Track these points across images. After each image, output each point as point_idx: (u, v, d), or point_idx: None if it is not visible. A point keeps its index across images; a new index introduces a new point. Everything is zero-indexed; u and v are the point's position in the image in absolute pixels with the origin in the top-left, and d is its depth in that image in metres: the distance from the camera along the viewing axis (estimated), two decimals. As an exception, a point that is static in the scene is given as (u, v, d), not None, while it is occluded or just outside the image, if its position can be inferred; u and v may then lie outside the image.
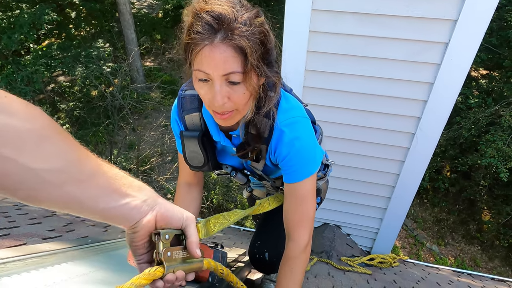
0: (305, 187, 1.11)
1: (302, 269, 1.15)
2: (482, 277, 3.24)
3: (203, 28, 0.83)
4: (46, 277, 1.00)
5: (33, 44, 10.66)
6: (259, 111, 1.03)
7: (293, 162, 1.07)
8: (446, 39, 2.10)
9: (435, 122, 2.38)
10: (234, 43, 0.82)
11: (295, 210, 1.13)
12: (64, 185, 0.52)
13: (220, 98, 0.89)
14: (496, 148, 6.56)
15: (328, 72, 2.44)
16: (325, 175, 1.53)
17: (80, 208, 0.56)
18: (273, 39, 0.96)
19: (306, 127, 1.08)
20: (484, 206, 8.18)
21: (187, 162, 1.26)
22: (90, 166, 0.56)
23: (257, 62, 0.88)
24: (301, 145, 1.06)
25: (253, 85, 0.92)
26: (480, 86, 8.59)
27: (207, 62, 0.85)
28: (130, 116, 7.88)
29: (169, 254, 0.69)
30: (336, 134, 2.67)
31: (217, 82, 0.87)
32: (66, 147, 0.53)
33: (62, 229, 1.90)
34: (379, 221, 3.05)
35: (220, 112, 0.95)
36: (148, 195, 0.66)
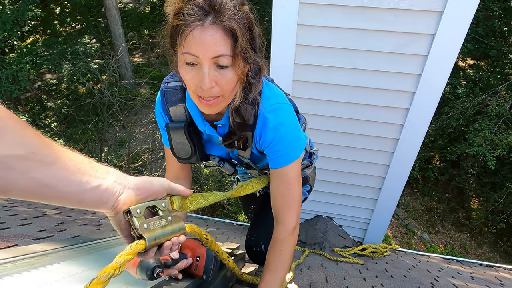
0: (291, 171, 1.13)
1: (290, 251, 1.18)
2: (471, 263, 3.32)
3: (194, 10, 0.82)
4: (38, 278, 0.99)
5: (17, 41, 10.43)
6: (246, 98, 1.04)
7: (278, 147, 1.08)
8: (432, 31, 2.12)
9: (423, 113, 2.41)
10: (225, 25, 0.83)
11: (282, 194, 1.15)
12: (29, 171, 0.52)
13: (208, 81, 0.88)
14: (483, 137, 6.69)
15: (317, 65, 2.44)
16: (311, 163, 1.55)
17: (51, 193, 0.56)
18: (257, 29, 0.97)
19: (289, 112, 1.10)
20: (473, 194, 8.36)
21: (174, 154, 1.25)
22: (54, 152, 0.57)
23: (246, 46, 0.88)
24: (285, 130, 1.07)
25: (241, 70, 0.92)
26: (468, 76, 8.72)
27: (196, 44, 0.84)
28: (120, 113, 7.80)
29: (146, 226, 0.69)
30: (326, 127, 2.69)
31: (205, 65, 0.87)
32: (28, 135, 0.53)
33: (54, 229, 1.88)
34: (370, 211, 3.09)
35: (205, 98, 0.94)
36: (117, 175, 0.68)
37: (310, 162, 1.55)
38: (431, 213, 8.25)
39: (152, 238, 0.70)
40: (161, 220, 0.74)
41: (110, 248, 1.47)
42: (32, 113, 9.14)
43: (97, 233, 1.98)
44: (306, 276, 1.95)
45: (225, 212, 7.67)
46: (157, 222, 0.73)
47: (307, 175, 1.55)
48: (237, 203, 7.73)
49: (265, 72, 1.37)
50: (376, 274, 2.29)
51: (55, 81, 10.41)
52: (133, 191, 0.69)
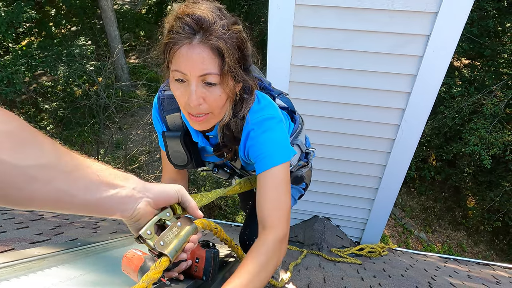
0: (276, 175, 1.05)
1: (276, 265, 0.97)
2: (468, 262, 3.34)
3: (183, 28, 0.86)
4: (36, 282, 0.99)
5: (12, 44, 10.38)
6: (236, 115, 1.06)
7: (261, 151, 1.06)
8: (427, 32, 2.14)
9: (419, 113, 2.43)
10: (212, 44, 0.85)
11: (270, 197, 1.05)
12: (53, 180, 0.52)
13: (195, 98, 0.90)
14: (479, 136, 6.73)
15: (313, 66, 2.45)
16: (307, 163, 1.57)
17: (72, 202, 0.56)
18: (250, 47, 0.99)
19: (275, 123, 1.08)
20: (469, 192, 8.40)
21: (171, 162, 1.28)
22: (73, 160, 0.57)
23: (234, 65, 0.90)
24: (268, 135, 1.07)
25: (229, 88, 0.94)
26: (463, 76, 8.78)
27: (184, 62, 0.87)
28: (116, 115, 7.77)
29: (162, 243, 0.70)
30: (323, 127, 2.70)
31: (193, 82, 0.89)
32: (46, 144, 0.53)
33: (51, 232, 1.87)
34: (368, 211, 3.10)
35: (195, 114, 0.96)
36: (136, 182, 0.68)
37: (306, 162, 1.56)
38: (428, 212, 8.28)
39: (173, 251, 0.70)
40: (173, 229, 0.74)
41: (108, 251, 1.47)
42: (27, 116, 9.08)
43: (95, 236, 1.97)
44: (304, 277, 1.95)
45: (222, 213, 7.67)
46: (170, 234, 0.73)
47: (302, 174, 1.55)
48: (234, 204, 7.73)
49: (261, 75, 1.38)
50: (373, 274, 2.30)
51: (50, 83, 10.36)
52: (152, 201, 0.69)
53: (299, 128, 1.46)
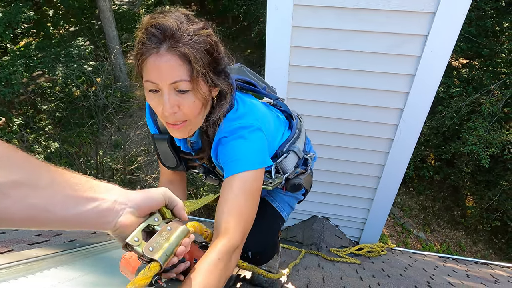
0: (240, 182, 1.00)
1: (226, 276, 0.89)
2: (466, 261, 3.35)
3: (149, 39, 0.87)
4: (34, 283, 0.99)
5: (10, 44, 10.35)
6: (208, 119, 1.06)
7: (228, 156, 1.03)
8: (425, 32, 2.14)
9: (418, 112, 2.44)
10: (178, 51, 0.86)
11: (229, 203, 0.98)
12: (26, 197, 0.50)
13: (170, 107, 0.91)
14: (477, 135, 6.75)
15: (311, 66, 2.46)
16: (305, 170, 1.53)
17: (48, 218, 0.54)
18: (221, 49, 0.99)
19: (248, 132, 1.05)
20: (468, 192, 8.42)
21: (162, 163, 1.30)
22: (49, 174, 0.55)
23: (203, 70, 0.90)
24: (238, 142, 1.03)
25: (202, 94, 0.94)
26: (461, 75, 8.79)
27: (154, 72, 0.88)
28: (115, 115, 7.76)
29: (151, 248, 0.68)
30: (322, 127, 2.70)
31: (165, 91, 0.90)
32: (19, 159, 0.51)
33: (49, 234, 1.87)
34: (366, 211, 3.11)
35: (172, 123, 0.97)
36: (118, 194, 0.66)
37: (304, 169, 1.52)
38: (427, 211, 8.30)
39: (163, 256, 0.69)
40: (162, 234, 0.73)
41: (106, 252, 1.46)
42: (26, 116, 9.07)
43: (93, 237, 1.97)
44: (303, 277, 1.95)
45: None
46: (160, 239, 0.71)
47: (300, 182, 1.50)
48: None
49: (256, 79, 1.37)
50: (372, 273, 2.30)
51: (49, 84, 10.34)
52: (135, 211, 0.68)
53: (296, 134, 1.44)
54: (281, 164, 1.34)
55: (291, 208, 1.68)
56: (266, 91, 1.39)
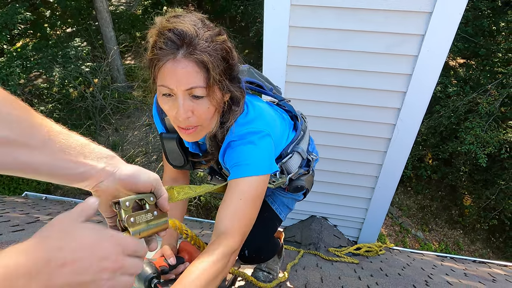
0: (247, 185, 1.01)
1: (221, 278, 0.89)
2: (464, 260, 3.36)
3: (166, 44, 0.86)
4: None
5: (7, 45, 10.31)
6: (223, 126, 1.06)
7: (236, 159, 1.04)
8: (422, 31, 2.15)
9: (415, 112, 2.44)
10: (196, 58, 0.86)
11: (234, 204, 0.99)
12: (13, 153, 0.53)
13: (184, 112, 0.91)
14: (474, 134, 6.76)
15: (309, 66, 2.46)
16: (308, 171, 1.54)
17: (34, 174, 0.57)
18: (236, 55, 0.99)
19: (258, 138, 1.05)
20: (465, 191, 8.44)
21: (169, 162, 1.30)
22: (42, 135, 0.57)
23: (219, 77, 0.91)
24: (247, 147, 1.04)
25: (217, 100, 0.94)
26: (458, 75, 8.81)
27: (170, 77, 0.88)
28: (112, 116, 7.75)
29: (132, 220, 0.70)
30: (320, 127, 2.70)
31: (180, 96, 0.90)
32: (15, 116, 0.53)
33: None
34: (364, 211, 3.11)
35: (184, 127, 0.97)
36: (108, 163, 0.67)
37: (307, 171, 1.53)
38: (425, 211, 8.31)
39: (136, 232, 0.70)
40: (147, 214, 0.75)
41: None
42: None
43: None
44: (302, 277, 1.95)
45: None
46: (143, 216, 0.73)
47: (302, 184, 1.52)
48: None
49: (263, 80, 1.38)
50: (371, 273, 2.30)
51: (46, 85, 10.30)
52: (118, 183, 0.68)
53: (300, 135, 1.45)
54: (285, 165, 1.36)
55: (290, 209, 1.69)
56: (272, 93, 1.40)
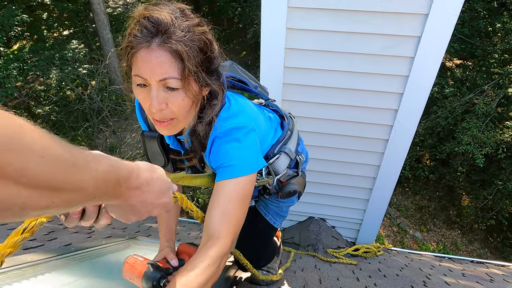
0: (233, 187, 1.00)
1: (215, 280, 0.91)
2: (462, 261, 3.37)
3: (141, 32, 0.84)
4: (29, 289, 0.98)
5: (3, 48, 10.28)
6: (201, 120, 1.03)
7: (223, 160, 1.02)
8: (418, 33, 2.16)
9: (412, 113, 2.45)
10: (170, 47, 0.83)
11: (223, 207, 0.98)
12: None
13: (157, 104, 0.88)
14: (471, 135, 6.79)
15: (306, 68, 2.46)
16: (297, 173, 1.51)
17: None
18: (216, 49, 0.96)
19: (243, 133, 1.03)
20: (463, 191, 8.46)
21: (149, 162, 1.26)
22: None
23: (195, 69, 0.87)
24: (232, 145, 1.02)
25: (193, 93, 0.91)
26: (455, 76, 8.86)
27: (143, 66, 0.85)
28: (110, 118, 7.73)
29: None
30: (317, 129, 2.71)
31: (154, 87, 0.87)
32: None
33: (44, 238, 1.86)
34: (362, 212, 3.12)
35: (159, 119, 0.94)
36: None
37: (296, 172, 1.51)
38: (423, 211, 8.33)
39: None
40: None
41: (102, 256, 1.46)
42: (20, 120, 8.98)
43: (89, 241, 1.96)
44: (300, 278, 1.96)
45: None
46: None
47: (295, 189, 1.49)
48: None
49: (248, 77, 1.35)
50: (369, 274, 2.31)
51: (43, 87, 10.28)
52: None
53: (288, 135, 1.42)
54: (273, 166, 1.34)
55: (284, 217, 1.68)
56: (257, 90, 1.37)
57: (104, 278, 1.21)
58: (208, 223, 0.97)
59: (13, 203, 0.40)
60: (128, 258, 1.04)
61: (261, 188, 1.46)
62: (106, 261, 1.43)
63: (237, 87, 1.27)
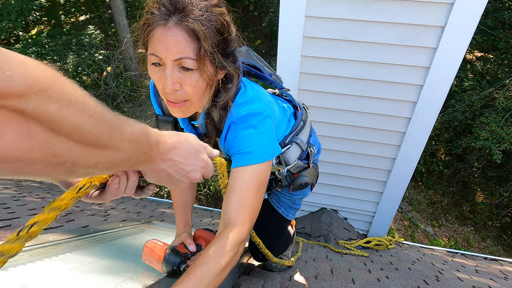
0: (249, 174, 1.00)
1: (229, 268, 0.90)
2: (475, 257, 3.33)
3: (159, 10, 0.82)
4: (52, 267, 1.01)
5: (22, 32, 10.44)
6: (215, 103, 1.01)
7: (239, 147, 1.01)
8: (442, 23, 2.09)
9: (431, 106, 2.40)
10: (187, 26, 0.81)
11: (239, 193, 0.98)
12: None
13: (171, 84, 0.86)
14: (490, 130, 6.63)
15: (324, 57, 2.43)
16: (308, 165, 1.49)
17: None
18: (233, 31, 0.94)
19: (259, 120, 1.02)
20: (478, 187, 8.31)
21: None
22: None
23: (211, 49, 0.85)
24: (249, 132, 1.01)
25: (208, 74, 0.89)
26: (475, 69, 8.60)
27: (159, 45, 0.84)
28: (125, 104, 7.81)
29: None
30: (333, 119, 2.68)
31: (168, 67, 0.85)
32: None
33: (62, 219, 1.91)
34: (376, 204, 3.10)
35: (172, 100, 0.93)
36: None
37: (307, 164, 1.49)
38: (435, 206, 8.23)
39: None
40: None
41: (119, 239, 1.49)
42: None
43: (105, 224, 2.01)
44: (312, 268, 1.96)
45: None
46: None
47: (307, 181, 1.48)
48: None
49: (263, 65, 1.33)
50: (381, 266, 2.30)
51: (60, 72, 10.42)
52: None
53: (300, 125, 1.41)
54: (283, 155, 1.34)
55: (297, 209, 1.68)
56: (272, 78, 1.35)
57: (122, 260, 1.24)
58: (225, 210, 0.97)
59: (66, 159, 0.42)
60: (148, 243, 1.06)
61: (273, 180, 1.46)
62: (123, 244, 1.46)
63: (252, 74, 1.25)
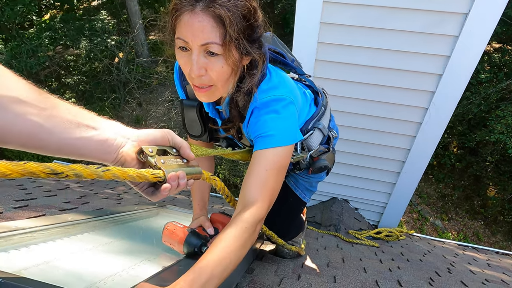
0: (270, 156, 1.01)
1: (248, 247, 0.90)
2: (487, 251, 3.30)
3: None
4: (72, 246, 1.03)
5: (36, 17, 10.50)
6: (239, 89, 1.02)
7: (261, 130, 1.02)
8: (465, 10, 2.02)
9: (449, 96, 2.34)
10: (213, 11, 0.82)
11: (260, 174, 0.99)
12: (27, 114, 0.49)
13: (197, 69, 0.88)
14: (505, 124, 6.49)
15: (341, 44, 2.38)
16: (328, 149, 1.51)
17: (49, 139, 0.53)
18: (260, 17, 0.94)
19: (282, 105, 1.03)
20: (490, 182, 8.19)
21: (186, 130, 1.28)
22: (50, 100, 0.54)
23: (236, 35, 0.86)
24: (271, 116, 1.02)
25: (233, 60, 0.90)
26: (492, 60, 8.37)
27: (186, 30, 0.85)
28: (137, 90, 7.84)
29: (162, 161, 0.67)
30: (348, 108, 2.65)
31: (195, 52, 0.87)
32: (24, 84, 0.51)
33: (77, 201, 1.94)
34: (387, 195, 3.07)
35: (198, 85, 0.94)
36: (119, 126, 0.65)
37: (327, 148, 1.51)
38: (445, 199, 8.15)
39: (170, 170, 0.67)
40: (177, 159, 0.72)
41: (136, 221, 1.51)
42: (50, 89, 9.29)
43: (119, 207, 2.03)
44: (323, 256, 1.97)
45: (238, 191, 7.76)
46: (173, 160, 0.71)
47: (326, 164, 1.49)
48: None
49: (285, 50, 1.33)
50: (392, 257, 2.29)
51: (73, 57, 10.50)
52: (137, 144, 0.66)
53: (321, 111, 1.42)
54: (306, 142, 1.35)
55: (313, 192, 1.69)
56: (294, 64, 1.36)
57: (139, 241, 1.25)
58: (245, 190, 0.98)
59: None
60: (168, 225, 1.07)
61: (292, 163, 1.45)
62: (139, 226, 1.48)
63: (277, 61, 1.26)
